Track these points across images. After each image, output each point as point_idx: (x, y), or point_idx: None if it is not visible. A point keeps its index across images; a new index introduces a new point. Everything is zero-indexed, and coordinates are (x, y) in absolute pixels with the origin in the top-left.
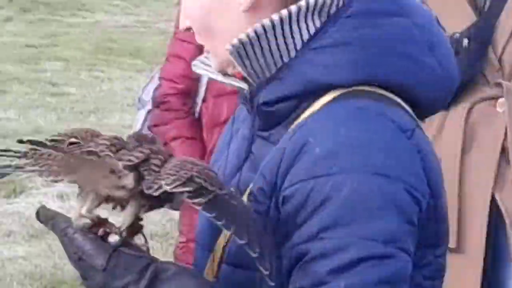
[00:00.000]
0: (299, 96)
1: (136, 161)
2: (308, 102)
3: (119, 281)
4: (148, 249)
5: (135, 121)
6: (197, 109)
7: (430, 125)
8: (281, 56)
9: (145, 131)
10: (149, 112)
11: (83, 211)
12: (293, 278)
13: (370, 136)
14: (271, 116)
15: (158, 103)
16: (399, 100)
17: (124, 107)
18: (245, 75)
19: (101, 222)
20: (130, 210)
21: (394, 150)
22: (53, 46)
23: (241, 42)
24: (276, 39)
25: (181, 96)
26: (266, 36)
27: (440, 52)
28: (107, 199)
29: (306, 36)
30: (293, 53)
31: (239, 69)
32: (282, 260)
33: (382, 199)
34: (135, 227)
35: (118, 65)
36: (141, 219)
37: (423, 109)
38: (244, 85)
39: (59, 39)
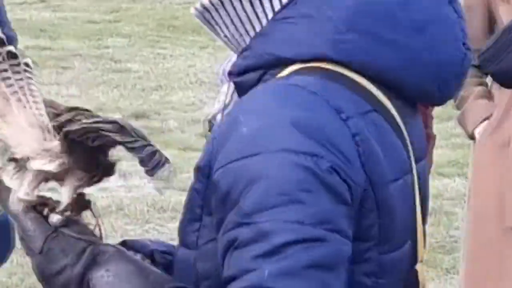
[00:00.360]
0: (261, 68)
1: (62, 120)
2: (270, 75)
3: (55, 264)
4: (99, 225)
5: (219, 94)
6: None
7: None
8: (253, 26)
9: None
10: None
11: (21, 194)
12: (224, 267)
13: (295, 115)
14: (240, 87)
15: None
16: (363, 81)
17: (187, 84)
18: (225, 43)
19: (44, 201)
20: (68, 185)
21: (320, 130)
22: (116, 22)
23: (204, 6)
24: (242, 4)
25: None
26: (231, 1)
27: (432, 33)
28: (46, 178)
29: (277, 6)
30: (264, 22)
31: (213, 35)
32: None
33: (308, 180)
34: (81, 204)
35: (180, 42)
36: (85, 195)
37: (410, 94)
38: None
39: (122, 15)
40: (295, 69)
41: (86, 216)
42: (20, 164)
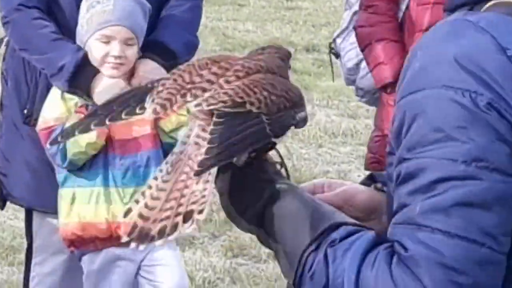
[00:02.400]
0: (469, 3)
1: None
2: (475, 10)
3: (239, 204)
4: (284, 165)
5: (341, 20)
6: (400, 14)
7: None
8: None
9: (351, 30)
10: (355, 13)
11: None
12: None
13: (459, 51)
14: None
15: (366, 6)
16: None
17: None
18: None
19: None
20: None
21: (482, 66)
22: None
23: None
24: None
25: (388, 1)
26: None
27: None
28: None
29: None
30: None
31: None
32: None
33: (464, 116)
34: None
35: None
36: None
37: None
38: None
39: None
40: (491, 4)
41: (271, 157)
42: None
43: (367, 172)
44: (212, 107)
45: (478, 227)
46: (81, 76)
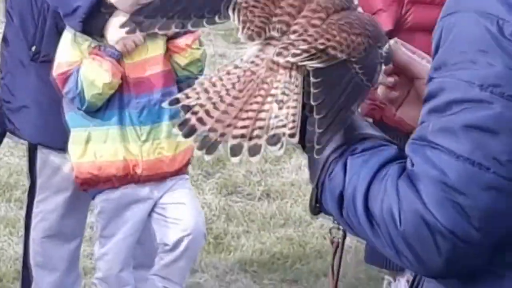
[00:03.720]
0: None
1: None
2: None
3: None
4: None
5: None
6: None
7: None
8: None
9: None
10: None
11: None
12: None
13: None
14: None
15: None
16: None
17: None
18: None
19: None
20: None
21: None
22: None
23: None
24: None
25: None
26: None
27: None
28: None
29: None
30: None
31: None
32: None
33: (488, 42)
34: None
35: None
36: None
37: None
38: None
39: None
40: None
41: None
42: None
43: None
44: (297, 58)
45: (485, 151)
46: (95, 18)
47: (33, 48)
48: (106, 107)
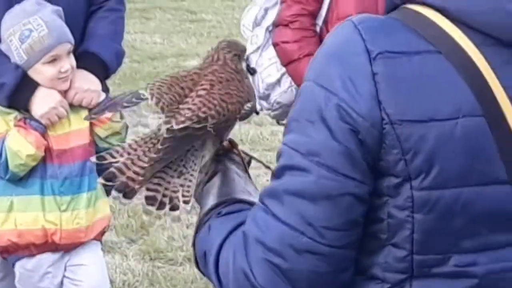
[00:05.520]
0: (396, 7)
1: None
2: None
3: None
4: (241, 157)
5: (253, 36)
6: (318, 29)
7: None
8: None
9: (266, 47)
10: (268, 29)
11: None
12: None
13: (330, 50)
14: None
15: (288, 22)
16: (442, 23)
17: None
18: None
19: None
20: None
21: (344, 66)
22: None
23: None
24: None
25: (310, 17)
26: None
27: None
28: None
29: None
30: None
31: None
32: None
33: (315, 111)
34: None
35: None
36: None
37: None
38: None
39: None
40: (400, 8)
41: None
42: None
43: None
44: (181, 125)
45: (301, 216)
46: (21, 93)
47: None
48: (28, 176)
